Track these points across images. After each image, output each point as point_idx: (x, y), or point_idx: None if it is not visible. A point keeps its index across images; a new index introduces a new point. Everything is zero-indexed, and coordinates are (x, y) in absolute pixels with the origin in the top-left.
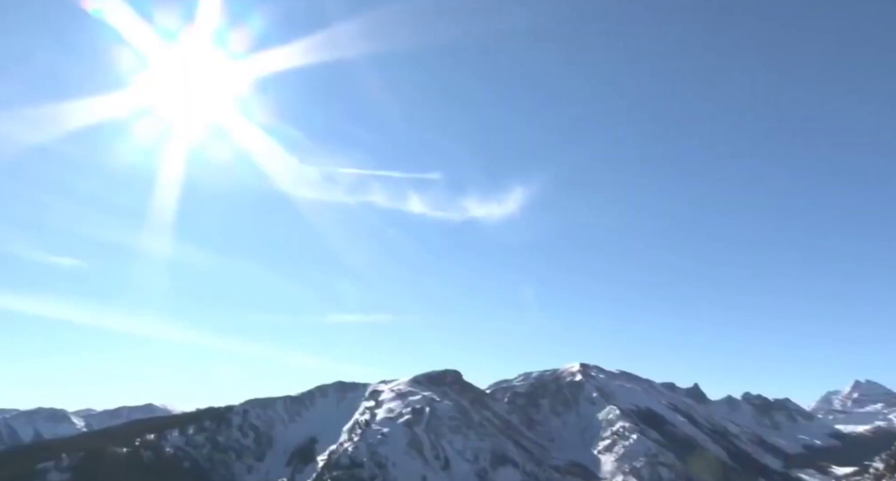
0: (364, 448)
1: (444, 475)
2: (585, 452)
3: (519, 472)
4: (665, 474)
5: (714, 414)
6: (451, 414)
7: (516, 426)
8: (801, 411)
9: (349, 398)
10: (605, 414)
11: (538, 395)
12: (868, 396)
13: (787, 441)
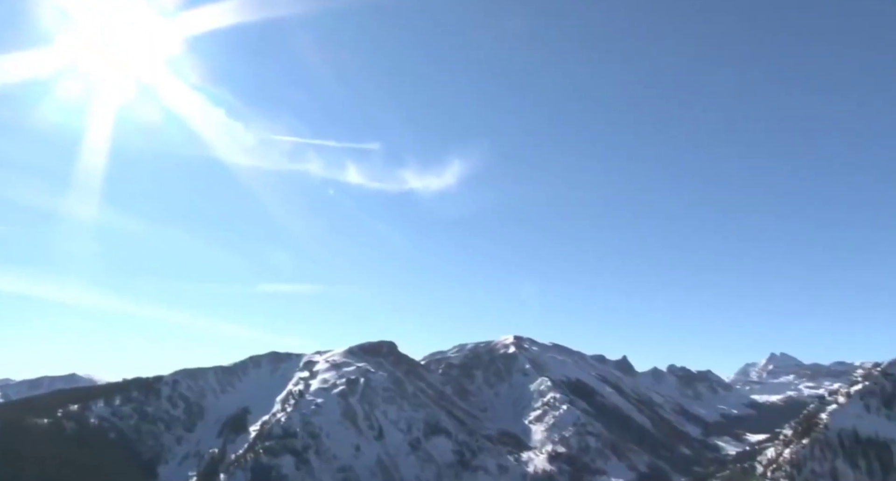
0: (297, 418)
1: (378, 444)
2: (517, 422)
3: (451, 441)
4: (592, 443)
5: (641, 386)
6: (385, 385)
7: (450, 396)
8: (721, 382)
9: (283, 369)
10: (536, 386)
11: (472, 367)
12: (781, 368)
13: (707, 410)
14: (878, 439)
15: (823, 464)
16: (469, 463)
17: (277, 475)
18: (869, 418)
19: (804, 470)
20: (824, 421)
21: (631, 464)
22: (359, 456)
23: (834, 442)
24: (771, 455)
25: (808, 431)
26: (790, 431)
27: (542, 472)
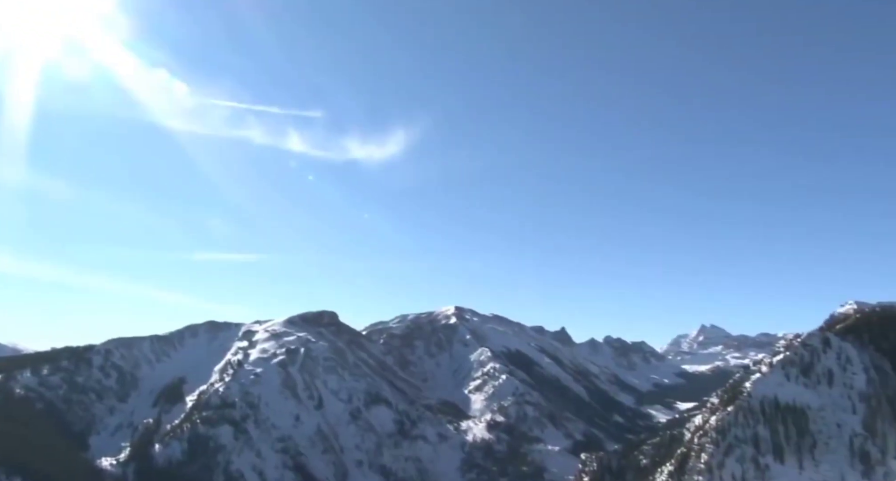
0: (236, 388)
1: (318, 414)
2: (457, 392)
3: (392, 411)
4: (530, 412)
5: (578, 356)
6: (326, 355)
7: (391, 366)
8: (654, 353)
9: (221, 338)
10: (476, 356)
11: (413, 337)
12: (711, 339)
13: (640, 380)
14: (796, 405)
15: (746, 430)
16: (409, 433)
17: (215, 445)
18: (788, 386)
19: (728, 435)
20: (748, 390)
21: (567, 433)
22: (298, 425)
23: (756, 409)
24: (698, 422)
25: (733, 399)
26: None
27: (480, 441)
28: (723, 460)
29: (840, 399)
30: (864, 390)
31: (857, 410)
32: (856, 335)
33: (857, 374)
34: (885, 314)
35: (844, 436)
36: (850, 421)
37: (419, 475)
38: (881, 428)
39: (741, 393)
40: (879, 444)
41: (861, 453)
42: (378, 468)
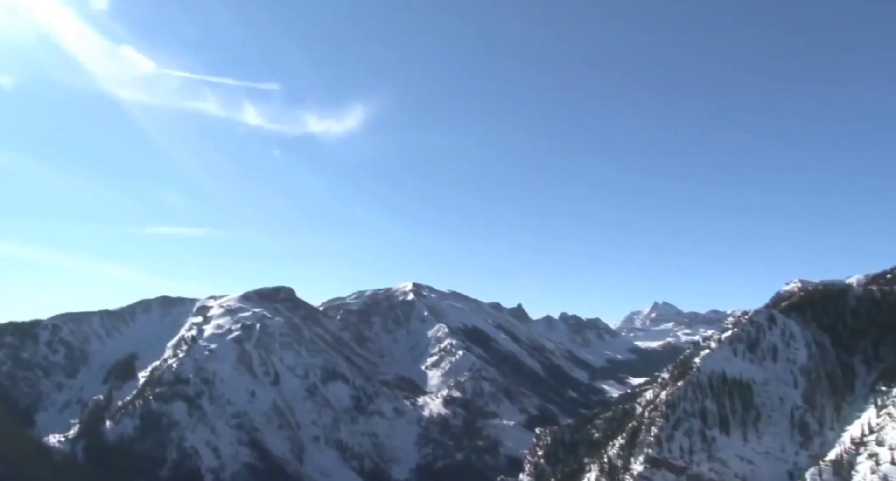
0: (190, 364)
1: (274, 390)
2: (414, 367)
3: (349, 387)
4: (486, 387)
5: (534, 333)
6: (282, 331)
7: (348, 342)
8: (609, 329)
9: (174, 313)
10: (434, 332)
11: (371, 313)
12: (663, 316)
13: (594, 356)
14: (742, 380)
15: (694, 404)
16: (366, 408)
17: (168, 421)
18: (735, 361)
19: (677, 409)
20: (697, 365)
21: (522, 407)
22: (254, 401)
23: (704, 383)
24: (649, 396)
25: (683, 374)
26: (667, 375)
27: (437, 416)
28: (672, 433)
29: (783, 373)
30: (805, 365)
31: (798, 384)
32: (799, 312)
33: (800, 350)
34: (827, 292)
35: (786, 409)
36: (791, 394)
37: (375, 450)
38: (820, 400)
39: (691, 368)
40: (818, 416)
41: (801, 425)
42: (335, 443)
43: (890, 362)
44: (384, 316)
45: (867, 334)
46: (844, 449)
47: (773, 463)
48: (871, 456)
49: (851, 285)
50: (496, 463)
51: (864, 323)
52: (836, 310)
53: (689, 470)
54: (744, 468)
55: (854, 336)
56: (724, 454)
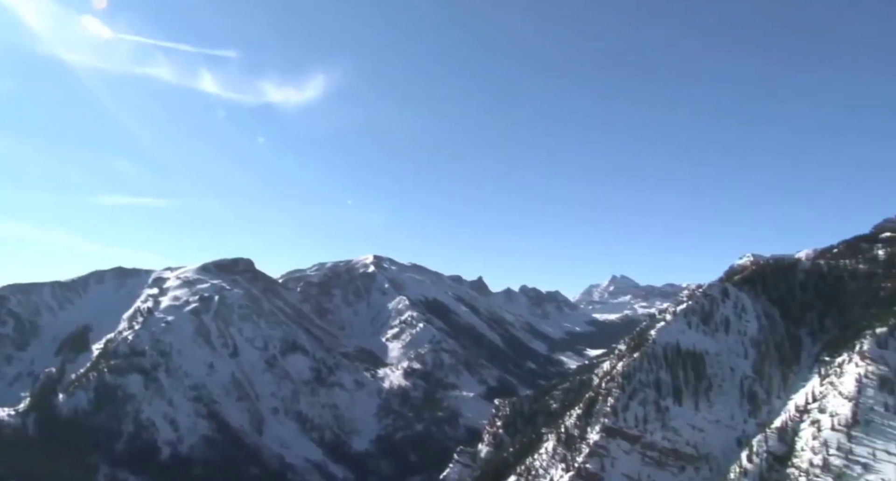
0: (146, 336)
1: (233, 362)
2: (374, 339)
3: (309, 359)
4: (446, 359)
5: (494, 305)
6: (241, 303)
7: (308, 315)
8: (568, 302)
9: (129, 285)
10: (395, 304)
11: (331, 285)
12: (620, 289)
13: (553, 328)
14: (695, 351)
15: (649, 375)
16: (326, 380)
17: (124, 394)
18: (689, 333)
19: (633, 380)
20: (653, 337)
21: (482, 379)
22: (212, 373)
23: (659, 354)
24: (606, 368)
25: (639, 346)
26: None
27: (397, 387)
28: (627, 403)
29: (734, 345)
30: (755, 336)
31: (748, 355)
32: (751, 285)
33: (751, 322)
34: (777, 266)
35: (736, 379)
36: (741, 365)
37: (336, 421)
38: (768, 371)
39: (646, 340)
40: (766, 386)
41: (750, 394)
42: (294, 415)
43: (834, 334)
44: (345, 288)
45: (814, 307)
46: (789, 416)
47: (722, 430)
48: (813, 422)
49: (800, 259)
50: (456, 433)
51: (812, 296)
52: (785, 284)
53: (643, 438)
54: (695, 436)
55: (802, 308)
56: (677, 423)
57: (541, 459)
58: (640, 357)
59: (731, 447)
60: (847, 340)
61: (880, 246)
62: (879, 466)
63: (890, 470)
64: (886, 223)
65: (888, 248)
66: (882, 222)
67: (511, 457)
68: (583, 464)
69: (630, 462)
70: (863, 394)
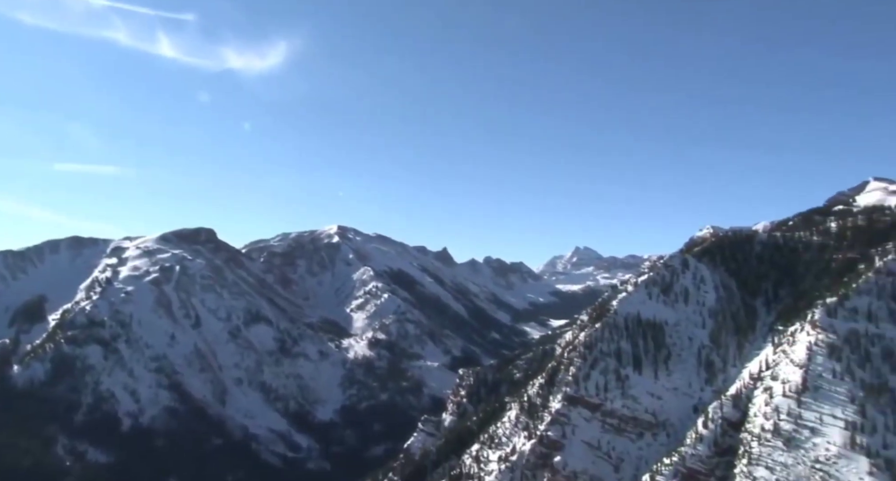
0: (105, 306)
1: (195, 333)
2: (339, 310)
3: (273, 329)
4: (411, 330)
5: (458, 276)
6: (203, 273)
7: (271, 285)
8: (531, 273)
9: (86, 254)
10: (359, 275)
11: (295, 256)
12: (583, 260)
13: (517, 299)
14: (655, 321)
15: (610, 344)
16: (290, 350)
17: (83, 365)
18: (650, 304)
19: (594, 350)
20: (614, 308)
21: (446, 349)
22: (174, 344)
23: (621, 325)
24: (569, 338)
25: (601, 316)
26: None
27: (362, 358)
28: (588, 372)
29: (693, 315)
30: (713, 307)
31: (706, 325)
32: (710, 257)
33: (709, 293)
34: (736, 238)
35: (694, 348)
36: (699, 334)
37: (300, 391)
38: (724, 340)
39: (608, 310)
40: (722, 354)
41: (707, 363)
42: (258, 385)
43: (787, 304)
44: (309, 258)
45: (769, 277)
46: (743, 384)
47: (680, 398)
48: (766, 389)
49: (757, 232)
50: (420, 403)
51: (767, 267)
52: (742, 255)
53: (603, 406)
54: (654, 403)
55: (758, 279)
56: (636, 391)
57: (504, 427)
58: (601, 327)
59: (688, 414)
60: (799, 310)
61: (833, 218)
62: (826, 430)
63: (835, 434)
64: (839, 196)
65: (840, 221)
66: (835, 195)
67: (474, 426)
68: (545, 432)
69: (590, 429)
70: (813, 362)
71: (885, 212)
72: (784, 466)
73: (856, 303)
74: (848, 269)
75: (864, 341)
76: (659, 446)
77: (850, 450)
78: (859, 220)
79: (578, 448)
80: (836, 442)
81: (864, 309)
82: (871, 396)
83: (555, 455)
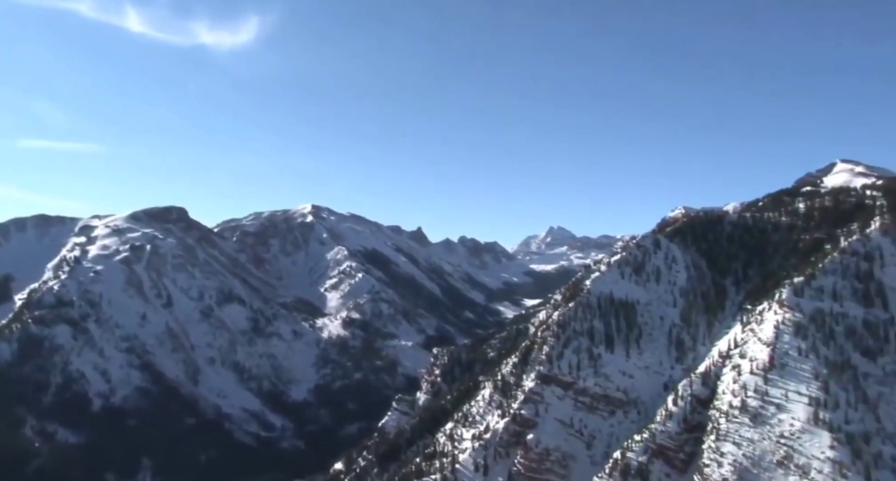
0: (73, 286)
1: (167, 313)
2: (313, 290)
3: (246, 309)
4: (385, 309)
5: (433, 255)
6: (174, 252)
7: (244, 264)
8: (506, 252)
9: (53, 233)
10: (333, 255)
11: (268, 235)
12: (557, 240)
13: (491, 278)
14: (627, 301)
15: (583, 324)
16: (263, 330)
17: (51, 345)
18: (622, 283)
19: (568, 329)
20: (587, 287)
21: (420, 328)
22: (145, 324)
23: (594, 304)
24: (542, 317)
25: (574, 296)
26: (560, 296)
27: (336, 337)
28: (562, 351)
29: (664, 294)
30: (684, 286)
31: (677, 304)
32: (681, 237)
33: (680, 272)
34: (707, 218)
35: (665, 327)
36: (670, 313)
37: (274, 371)
38: (695, 319)
39: (581, 290)
40: (692, 333)
41: (677, 341)
42: (231, 365)
43: (756, 283)
44: (282, 238)
45: (738, 257)
46: (713, 362)
47: (651, 376)
48: (734, 367)
49: (728, 212)
50: (394, 382)
51: (737, 247)
52: (713, 235)
53: (576, 384)
54: (625, 382)
55: (727, 259)
56: (608, 369)
57: (478, 406)
58: (574, 306)
59: (659, 391)
60: (768, 289)
61: (801, 199)
62: (791, 406)
63: (800, 410)
64: (807, 178)
65: (808, 202)
66: (804, 177)
67: (448, 404)
68: (518, 410)
69: (563, 407)
70: (780, 340)
71: (850, 193)
72: (750, 441)
73: (822, 282)
74: (815, 249)
75: (829, 320)
76: (630, 423)
77: (814, 426)
78: (826, 201)
79: (551, 425)
80: (800, 417)
81: (829, 288)
82: (835, 373)
83: (528, 432)
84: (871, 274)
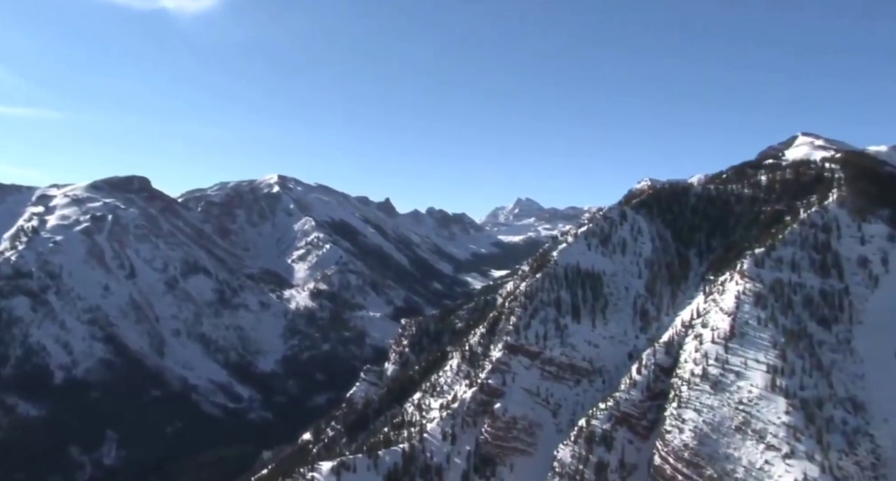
0: (32, 257)
1: (130, 284)
2: (280, 261)
3: (212, 280)
4: (353, 280)
5: (401, 226)
6: (137, 223)
7: (210, 235)
8: (474, 224)
9: (8, 202)
10: (300, 226)
11: (234, 205)
12: (525, 211)
13: (459, 249)
14: (594, 272)
15: (551, 294)
16: (230, 301)
17: (9, 318)
18: (589, 254)
19: (535, 299)
20: (554, 258)
21: (388, 299)
22: (108, 296)
23: (560, 275)
24: (510, 288)
25: (542, 267)
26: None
27: (303, 308)
28: (529, 321)
29: (630, 265)
30: (649, 257)
31: (642, 275)
32: (647, 209)
33: (645, 244)
34: (672, 190)
35: (630, 297)
36: (635, 284)
37: (241, 343)
38: (659, 289)
39: (549, 261)
40: (657, 303)
41: (642, 312)
42: (197, 337)
43: (719, 254)
44: (248, 208)
45: (702, 229)
46: (676, 331)
47: (616, 346)
48: (696, 336)
49: (693, 184)
50: (362, 353)
51: (701, 218)
52: (678, 207)
53: (542, 354)
54: (591, 351)
55: (691, 230)
56: (575, 339)
57: (445, 376)
58: (542, 277)
59: (623, 361)
60: (730, 260)
61: (763, 172)
62: (749, 373)
63: (758, 377)
64: (770, 150)
65: (770, 174)
66: (766, 149)
67: (417, 375)
68: (485, 380)
69: (530, 376)
70: (740, 310)
71: (810, 165)
72: (711, 408)
73: (781, 253)
74: (776, 221)
75: (787, 290)
76: (595, 392)
77: (771, 392)
78: (787, 174)
79: (518, 394)
80: (758, 384)
81: (788, 259)
82: (792, 341)
83: (495, 402)
84: (829, 245)
